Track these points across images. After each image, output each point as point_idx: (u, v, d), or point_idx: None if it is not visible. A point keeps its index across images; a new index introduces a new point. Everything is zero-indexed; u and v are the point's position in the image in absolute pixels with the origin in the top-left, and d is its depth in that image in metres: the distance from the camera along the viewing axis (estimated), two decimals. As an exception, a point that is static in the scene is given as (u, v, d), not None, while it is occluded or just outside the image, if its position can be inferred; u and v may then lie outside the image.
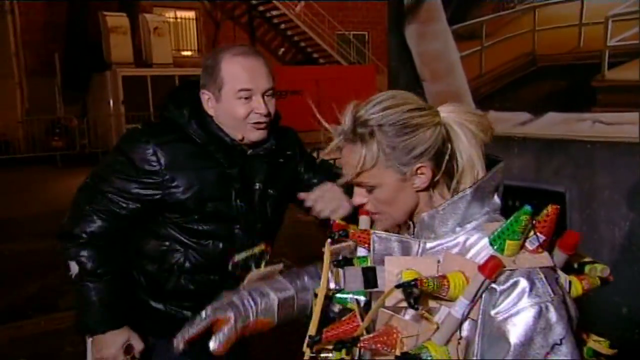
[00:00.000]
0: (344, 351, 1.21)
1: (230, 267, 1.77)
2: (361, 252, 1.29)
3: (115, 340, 1.76)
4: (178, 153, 1.76)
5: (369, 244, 1.22)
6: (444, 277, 1.02)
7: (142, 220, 1.82)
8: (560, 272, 1.10)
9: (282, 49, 20.79)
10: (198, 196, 1.76)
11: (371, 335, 1.10)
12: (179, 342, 1.38)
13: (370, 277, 1.13)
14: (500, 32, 4.26)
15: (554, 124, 3.97)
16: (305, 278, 1.47)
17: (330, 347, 1.23)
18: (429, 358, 1.00)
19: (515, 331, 1.00)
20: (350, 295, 1.25)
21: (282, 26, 20.46)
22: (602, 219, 3.67)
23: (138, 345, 1.79)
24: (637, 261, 3.46)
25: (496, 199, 1.15)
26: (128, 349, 1.77)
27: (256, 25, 20.36)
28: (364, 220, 1.31)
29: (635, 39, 3.47)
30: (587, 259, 1.20)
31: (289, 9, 20.17)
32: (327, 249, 1.23)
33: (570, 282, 1.12)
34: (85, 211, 1.79)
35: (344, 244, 1.30)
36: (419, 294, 1.01)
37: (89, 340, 1.83)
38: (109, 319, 1.77)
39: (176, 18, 19.17)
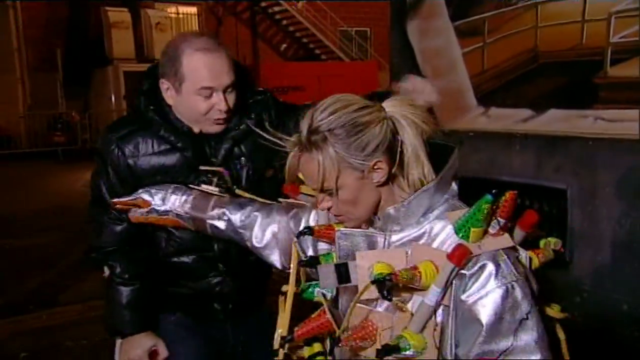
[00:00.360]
0: (315, 345, 1.27)
1: (192, 177, 1.77)
2: (322, 246, 1.33)
3: (142, 342, 1.80)
4: (139, 142, 1.77)
5: (332, 239, 1.25)
6: (415, 267, 1.07)
7: None
8: (520, 250, 1.16)
9: (284, 45, 20.77)
10: (163, 181, 1.78)
11: (349, 332, 1.13)
12: (112, 202, 1.72)
13: (343, 273, 1.15)
14: (502, 28, 4.26)
15: (555, 121, 3.97)
16: (238, 214, 1.57)
17: (302, 343, 1.28)
18: (408, 347, 1.04)
19: (486, 312, 1.06)
20: (317, 289, 1.29)
21: (284, 22, 20.44)
22: (604, 215, 3.67)
23: (163, 351, 1.82)
24: (637, 258, 3.47)
25: (454, 185, 1.20)
26: (153, 354, 1.81)
27: (258, 21, 20.33)
28: (322, 215, 1.35)
29: (637, 36, 3.47)
30: (540, 233, 1.27)
31: (291, 5, 20.13)
32: (294, 248, 1.28)
33: (530, 259, 1.19)
34: (104, 223, 1.82)
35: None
36: (391, 286, 1.05)
37: (118, 342, 1.86)
38: (136, 322, 1.81)
39: (178, 13, 19.12)
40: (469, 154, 4.20)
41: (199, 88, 1.67)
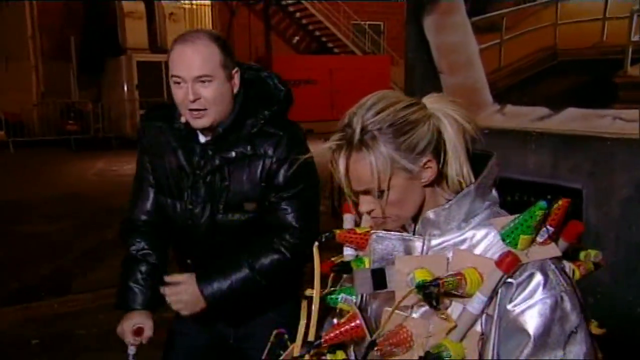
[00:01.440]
0: (338, 353, 1.23)
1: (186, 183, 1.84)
2: (347, 251, 1.28)
3: (130, 318, 1.83)
4: (156, 128, 1.89)
5: (357, 243, 1.23)
6: (460, 274, 1.03)
7: None
8: (564, 261, 1.12)
9: (297, 38, 20.74)
10: (157, 171, 1.88)
11: (384, 337, 1.09)
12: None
13: (379, 278, 1.11)
14: (520, 25, 4.21)
15: (573, 120, 3.92)
16: None
17: (324, 351, 1.22)
18: (448, 356, 1.01)
19: (534, 323, 1.02)
20: (342, 295, 1.24)
21: (297, 14, 20.42)
22: (619, 217, 3.63)
23: (148, 331, 1.84)
24: (654, 261, 3.43)
25: (494, 192, 1.16)
26: (139, 331, 1.83)
27: (271, 13, 20.31)
28: (348, 219, 1.30)
29: (660, 35, 3.42)
30: (580, 246, 1.22)
31: (305, -2, 20.12)
32: (316, 252, 1.21)
33: (573, 270, 1.15)
34: (138, 197, 1.94)
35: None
36: (438, 293, 1.01)
37: None
38: (122, 301, 1.87)
39: (192, 4, 19.17)
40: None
41: (172, 76, 1.72)
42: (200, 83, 1.68)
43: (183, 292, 1.76)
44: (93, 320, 4.18)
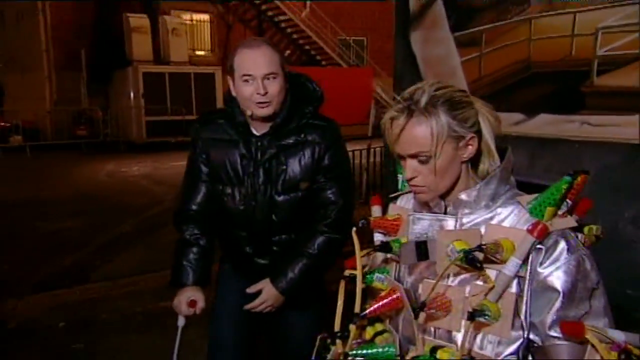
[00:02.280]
0: (377, 325, 1.26)
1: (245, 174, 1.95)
2: (377, 236, 1.32)
3: (184, 293, 1.94)
4: (213, 129, 1.99)
5: (387, 228, 1.27)
6: (498, 242, 1.08)
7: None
8: (577, 233, 1.19)
9: (288, 51, 20.71)
10: (216, 164, 1.97)
11: (429, 301, 1.13)
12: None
13: (422, 250, 1.16)
14: (498, 40, 4.29)
15: (545, 125, 4.01)
16: None
17: (365, 323, 1.27)
18: (489, 313, 1.06)
19: (561, 281, 1.08)
20: (376, 275, 1.28)
21: (289, 30, 20.40)
22: (588, 211, 3.73)
23: (200, 303, 1.94)
24: (618, 248, 3.51)
25: (512, 179, 1.23)
26: (192, 303, 1.92)
27: (265, 28, 20.28)
28: (375, 210, 1.36)
29: (622, 50, 3.51)
30: (584, 222, 1.27)
31: (296, 14, 20.10)
32: (355, 236, 1.26)
33: (584, 240, 1.21)
34: (187, 189, 2.04)
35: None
36: (481, 260, 1.06)
37: None
38: (176, 278, 1.97)
39: (192, 20, 19.08)
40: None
41: (242, 75, 1.82)
42: (267, 80, 1.81)
43: (266, 298, 1.89)
44: (113, 305, 4.18)
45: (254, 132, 1.92)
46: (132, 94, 16.11)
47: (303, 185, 1.92)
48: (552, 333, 1.08)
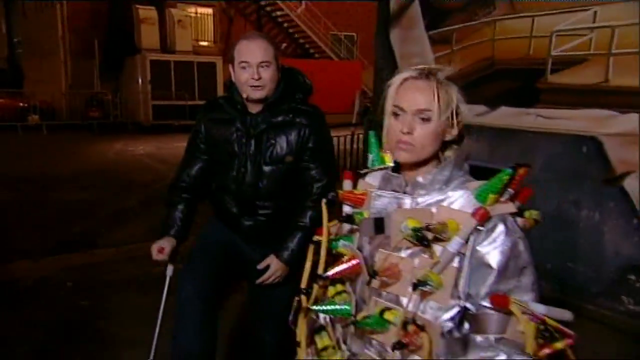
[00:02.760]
0: (338, 286, 1.29)
1: (240, 149, 2.04)
2: (346, 208, 1.34)
3: (158, 242, 2.07)
4: (215, 110, 2.09)
5: (355, 201, 1.29)
6: (444, 223, 1.11)
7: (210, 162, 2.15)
8: (518, 217, 1.20)
9: (284, 44, 20.58)
10: (215, 139, 2.07)
11: (380, 271, 1.17)
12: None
13: (379, 225, 1.19)
14: (467, 39, 4.35)
15: (505, 116, 4.08)
16: None
17: (327, 283, 1.29)
18: (431, 283, 1.10)
19: (496, 260, 1.11)
20: (341, 242, 1.30)
21: (285, 25, 20.24)
22: (538, 194, 3.80)
23: (167, 249, 2.06)
24: (562, 227, 3.62)
25: (466, 165, 1.24)
26: (161, 249, 2.05)
27: (263, 22, 20.11)
28: (346, 184, 1.37)
29: (573, 51, 3.58)
30: (525, 207, 1.28)
31: (292, 10, 19.94)
32: (324, 207, 1.31)
33: (524, 224, 1.22)
34: (185, 160, 2.18)
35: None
36: (428, 237, 1.09)
37: None
38: (164, 230, 2.12)
39: (197, 13, 18.87)
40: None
41: (240, 61, 1.93)
42: (261, 67, 1.91)
43: (275, 270, 1.98)
44: (116, 268, 4.23)
45: (250, 111, 2.01)
46: (140, 80, 15.97)
47: (288, 159, 2.00)
48: (484, 303, 1.11)
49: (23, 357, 2.87)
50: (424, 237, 1.09)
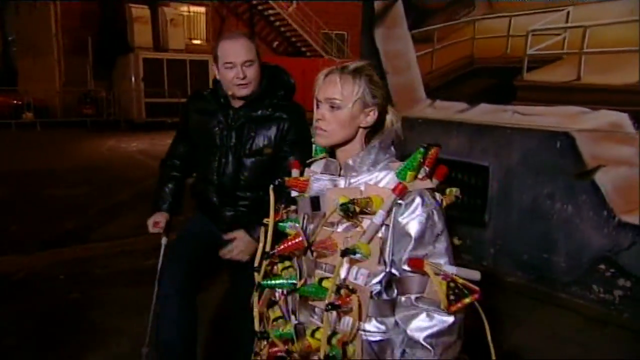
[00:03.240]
0: (286, 262, 1.41)
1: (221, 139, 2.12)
2: (293, 193, 1.47)
3: (153, 216, 2.23)
4: (200, 101, 2.19)
5: (299, 187, 1.41)
6: (369, 198, 1.23)
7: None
8: (436, 193, 1.32)
9: (276, 43, 20.59)
10: (199, 129, 2.16)
11: (317, 243, 1.29)
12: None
13: (315, 203, 1.31)
14: (448, 38, 4.41)
15: (484, 113, 4.15)
16: None
17: (276, 260, 1.42)
18: (360, 252, 1.20)
19: (414, 229, 1.23)
20: (289, 223, 1.41)
21: (277, 23, 20.23)
22: (514, 187, 3.89)
23: (162, 223, 2.22)
24: (537, 220, 3.70)
25: (393, 149, 1.35)
26: (156, 224, 2.22)
27: (256, 21, 20.09)
28: (294, 172, 1.49)
29: (548, 50, 3.65)
30: (446, 186, 1.41)
31: (283, 9, 19.92)
32: (272, 192, 1.41)
33: (442, 199, 1.35)
34: (173, 143, 2.35)
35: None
36: (353, 210, 1.21)
37: None
38: (154, 205, 2.27)
39: (189, 12, 18.81)
40: (418, 136, 4.34)
41: (225, 62, 1.97)
42: (245, 66, 1.96)
43: (241, 245, 2.02)
44: (107, 262, 4.26)
45: (233, 105, 2.08)
46: (133, 78, 15.92)
47: (267, 150, 2.06)
48: (405, 267, 1.23)
49: (12, 347, 2.90)
50: (349, 209, 1.20)
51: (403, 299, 1.24)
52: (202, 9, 19.23)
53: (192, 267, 2.09)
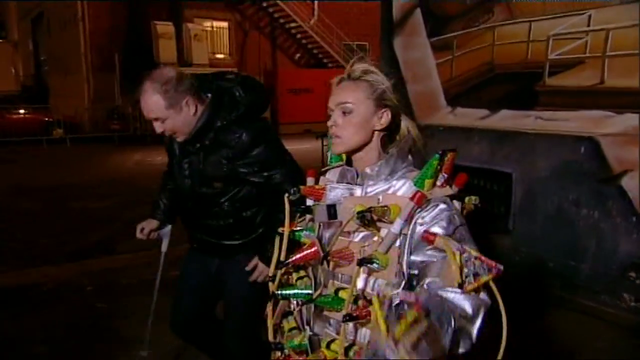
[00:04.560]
0: (301, 272, 1.38)
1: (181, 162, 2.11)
2: (309, 202, 1.42)
3: (142, 223, 2.26)
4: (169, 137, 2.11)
5: (314, 195, 1.38)
6: (386, 206, 1.20)
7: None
8: (455, 201, 1.28)
9: (298, 55, 20.75)
10: (170, 163, 2.20)
11: (333, 254, 1.26)
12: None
13: (332, 212, 1.28)
14: (467, 45, 4.39)
15: (505, 119, 4.11)
16: None
17: (291, 270, 1.39)
18: (377, 262, 1.17)
19: (436, 229, 1.19)
20: (304, 232, 1.39)
21: (298, 35, 20.40)
22: (539, 193, 3.83)
23: (146, 230, 2.24)
24: (563, 226, 3.63)
25: (410, 157, 1.33)
26: (142, 229, 2.25)
27: (277, 34, 20.31)
28: (309, 181, 1.46)
29: (569, 54, 3.60)
30: (465, 194, 1.36)
31: (305, 22, 20.10)
32: (287, 200, 1.38)
33: (462, 207, 1.31)
34: (167, 169, 2.32)
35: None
36: (370, 218, 1.18)
37: None
38: (151, 214, 2.30)
39: (212, 27, 19.13)
40: (439, 144, 4.30)
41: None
42: (156, 121, 1.88)
43: (261, 270, 1.98)
44: (133, 273, 4.31)
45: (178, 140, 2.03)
46: (159, 93, 16.24)
47: (217, 184, 1.98)
48: (423, 240, 1.18)
49: (42, 355, 2.98)
50: (365, 218, 1.17)
51: (417, 289, 1.17)
52: (225, 24, 19.55)
53: (197, 307, 2.23)
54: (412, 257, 1.21)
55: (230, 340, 2.18)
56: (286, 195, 1.37)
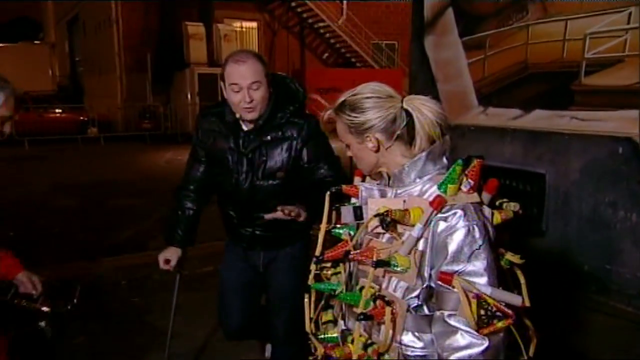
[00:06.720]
0: (338, 268, 1.41)
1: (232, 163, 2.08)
2: (353, 200, 1.43)
3: (164, 251, 2.22)
4: (210, 122, 2.11)
5: (353, 194, 1.39)
6: (407, 210, 1.20)
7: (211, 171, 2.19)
8: (485, 207, 1.26)
9: (326, 54, 20.78)
10: (211, 152, 2.12)
11: (357, 251, 1.28)
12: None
13: (358, 213, 1.31)
14: (500, 44, 4.33)
15: (539, 119, 4.04)
16: None
17: (329, 264, 1.42)
18: (396, 264, 1.19)
19: (452, 243, 1.18)
20: (344, 230, 1.40)
21: (327, 35, 20.42)
22: (573, 195, 3.75)
23: (172, 262, 2.20)
24: (598, 229, 3.55)
25: (444, 160, 1.29)
26: (167, 261, 2.19)
27: (306, 34, 20.38)
28: (356, 180, 1.47)
29: (607, 53, 3.52)
30: (504, 200, 1.34)
31: (333, 21, 20.11)
32: (327, 198, 1.40)
33: (492, 214, 1.27)
34: (189, 168, 2.24)
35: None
36: (390, 221, 1.19)
37: None
38: (168, 238, 2.24)
39: (242, 27, 19.34)
40: (470, 144, 4.28)
41: (230, 84, 1.91)
42: (251, 89, 1.90)
43: (302, 214, 1.94)
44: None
45: (243, 127, 2.03)
46: (189, 93, 16.51)
47: (279, 174, 2.02)
48: (440, 282, 1.18)
49: (82, 345, 3.10)
50: (383, 220, 1.18)
51: (438, 314, 1.19)
52: (254, 24, 19.73)
53: (245, 307, 2.24)
54: (433, 270, 1.21)
55: (281, 331, 2.22)
56: (327, 192, 1.39)
